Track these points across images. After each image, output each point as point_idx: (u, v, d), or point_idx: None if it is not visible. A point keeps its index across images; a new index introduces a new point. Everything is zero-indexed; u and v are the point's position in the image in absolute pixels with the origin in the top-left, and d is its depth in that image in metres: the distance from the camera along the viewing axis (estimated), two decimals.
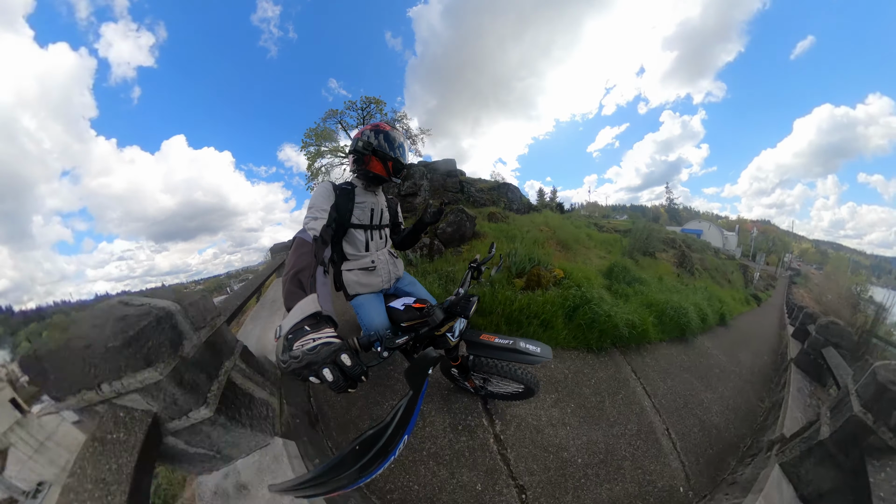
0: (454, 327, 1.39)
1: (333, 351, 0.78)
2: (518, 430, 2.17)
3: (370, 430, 0.89)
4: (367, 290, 1.74)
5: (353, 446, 0.84)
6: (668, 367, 3.49)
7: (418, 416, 1.12)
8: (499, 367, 1.74)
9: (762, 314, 9.66)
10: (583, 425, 2.32)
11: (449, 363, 1.85)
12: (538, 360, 1.46)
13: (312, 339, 0.80)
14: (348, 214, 1.60)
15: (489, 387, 2.04)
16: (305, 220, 1.40)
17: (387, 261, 1.80)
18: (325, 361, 0.77)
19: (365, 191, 1.67)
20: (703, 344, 4.53)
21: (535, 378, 1.79)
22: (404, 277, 1.97)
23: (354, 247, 1.69)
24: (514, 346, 1.48)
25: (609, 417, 2.46)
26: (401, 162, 1.60)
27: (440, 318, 1.31)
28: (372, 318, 1.64)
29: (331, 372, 0.77)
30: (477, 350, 1.57)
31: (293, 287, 0.99)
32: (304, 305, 0.90)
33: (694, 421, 2.69)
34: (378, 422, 0.93)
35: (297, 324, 0.85)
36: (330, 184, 1.57)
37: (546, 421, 2.29)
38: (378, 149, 1.55)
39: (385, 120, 16.77)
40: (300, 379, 0.77)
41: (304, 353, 0.77)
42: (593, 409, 2.51)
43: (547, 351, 1.48)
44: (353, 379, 0.80)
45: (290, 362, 0.76)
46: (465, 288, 1.52)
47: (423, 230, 1.95)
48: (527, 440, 2.12)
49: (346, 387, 0.79)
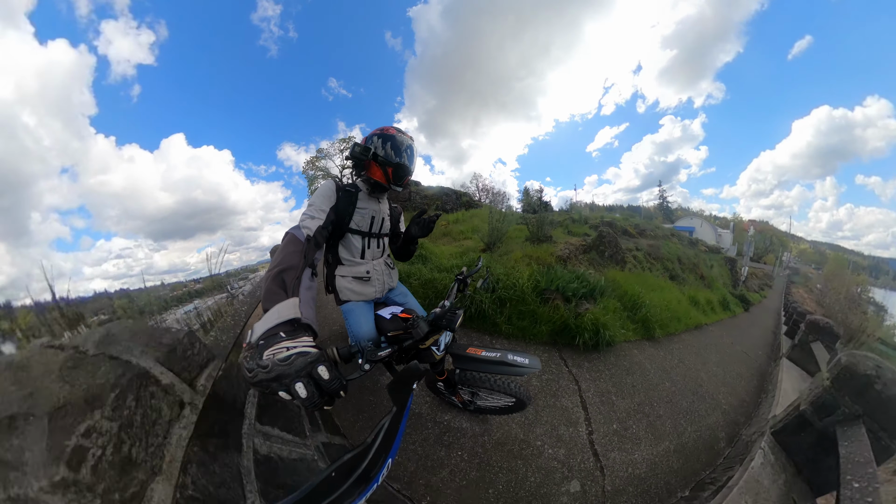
0: (439, 340, 1.36)
1: (309, 363, 0.70)
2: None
3: (348, 453, 0.83)
4: (358, 297, 1.70)
5: (329, 472, 0.77)
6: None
7: (403, 435, 1.07)
8: (487, 381, 1.70)
9: (745, 324, 7.33)
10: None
11: (434, 377, 1.80)
12: (527, 372, 1.42)
13: (286, 348, 0.72)
14: (347, 218, 1.53)
15: (478, 401, 1.99)
16: (302, 218, 1.35)
17: (382, 271, 1.76)
18: (299, 374, 0.68)
19: (368, 196, 1.61)
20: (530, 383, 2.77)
21: (527, 390, 1.75)
22: (397, 287, 1.94)
23: (350, 252, 1.64)
24: (502, 359, 1.44)
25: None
26: (404, 167, 1.53)
27: (424, 331, 1.27)
28: (360, 326, 1.61)
29: (304, 387, 0.68)
30: (463, 364, 1.53)
31: (274, 286, 0.90)
32: (283, 309, 0.81)
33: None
34: (358, 444, 0.87)
35: (272, 329, 0.76)
36: (334, 183, 1.50)
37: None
38: (379, 154, 1.48)
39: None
40: (267, 392, 0.69)
41: (276, 363, 0.68)
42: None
43: (536, 362, 1.45)
44: (329, 395, 0.72)
45: (258, 372, 0.67)
46: (450, 300, 1.49)
47: (413, 242, 1.90)
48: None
49: (322, 403, 0.71)
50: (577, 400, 2.64)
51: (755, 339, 6.17)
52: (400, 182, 1.55)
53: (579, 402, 2.62)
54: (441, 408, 2.30)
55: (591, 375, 3.01)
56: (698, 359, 4.12)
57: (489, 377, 1.70)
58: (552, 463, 2.06)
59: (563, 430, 2.30)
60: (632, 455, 2.23)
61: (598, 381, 2.96)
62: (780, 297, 13.56)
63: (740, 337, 5.94)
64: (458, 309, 1.37)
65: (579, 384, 2.84)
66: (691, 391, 3.23)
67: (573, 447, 2.19)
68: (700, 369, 3.80)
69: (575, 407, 2.56)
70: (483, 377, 1.70)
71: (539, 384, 2.76)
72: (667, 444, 2.42)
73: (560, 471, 2.02)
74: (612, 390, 2.87)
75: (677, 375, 3.46)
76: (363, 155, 1.48)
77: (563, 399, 2.62)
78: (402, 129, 1.55)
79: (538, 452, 2.10)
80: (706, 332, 5.62)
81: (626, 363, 3.34)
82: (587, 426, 2.39)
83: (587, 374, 3.02)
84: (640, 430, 2.48)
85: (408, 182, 1.60)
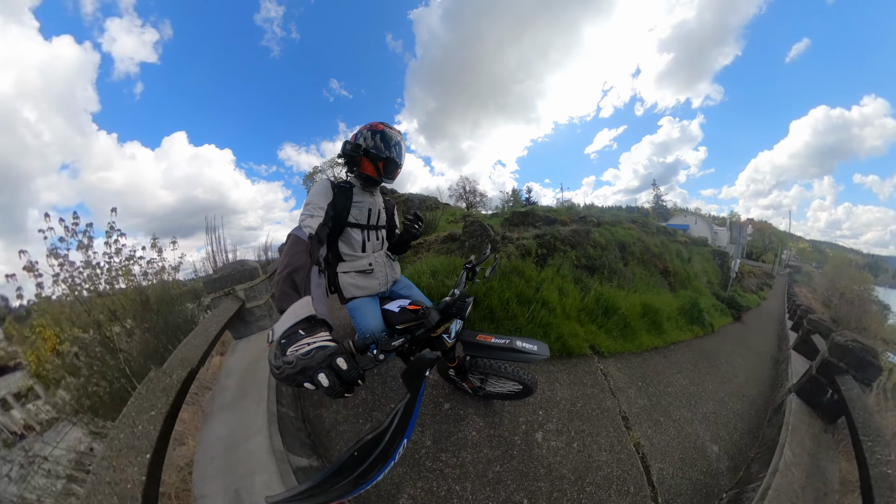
0: (450, 328, 1.39)
1: (329, 355, 0.76)
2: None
3: (368, 435, 0.88)
4: (362, 292, 1.72)
5: (352, 452, 0.84)
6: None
7: (416, 418, 1.12)
8: (496, 367, 1.74)
9: (728, 344, 4.89)
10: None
11: (446, 365, 1.85)
12: (535, 359, 1.46)
13: (307, 344, 0.79)
14: (345, 213, 1.58)
15: (487, 387, 2.04)
16: (301, 217, 1.38)
17: (384, 263, 1.79)
18: (321, 366, 0.75)
19: (363, 191, 1.65)
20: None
21: (533, 377, 1.79)
22: (400, 280, 1.97)
23: (351, 247, 1.67)
24: (511, 346, 1.48)
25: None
26: (394, 161, 1.59)
27: (436, 320, 1.31)
28: (368, 321, 1.63)
29: (326, 377, 0.75)
30: (474, 350, 1.57)
31: (286, 288, 0.96)
32: (298, 308, 0.87)
33: None
34: (376, 426, 0.92)
35: (291, 328, 0.83)
36: (328, 181, 1.55)
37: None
38: (370, 149, 1.54)
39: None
40: (294, 385, 0.76)
41: (299, 358, 0.75)
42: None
43: (544, 349, 1.48)
44: (349, 383, 0.78)
45: (285, 368, 0.74)
46: (460, 289, 1.52)
47: (409, 242, 1.96)
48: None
49: (343, 391, 0.78)
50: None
51: (735, 390, 3.41)
52: (391, 175, 1.61)
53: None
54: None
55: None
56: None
57: (498, 364, 1.74)
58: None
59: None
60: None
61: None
62: (782, 298, 12.05)
63: (703, 383, 3.37)
64: (468, 297, 1.40)
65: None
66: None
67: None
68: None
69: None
70: (492, 364, 1.74)
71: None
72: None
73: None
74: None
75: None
76: (355, 151, 1.53)
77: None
78: (390, 125, 1.59)
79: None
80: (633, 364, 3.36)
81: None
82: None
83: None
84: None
85: (397, 175, 1.65)
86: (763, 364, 4.44)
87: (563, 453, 2.11)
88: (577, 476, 1.98)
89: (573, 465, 2.04)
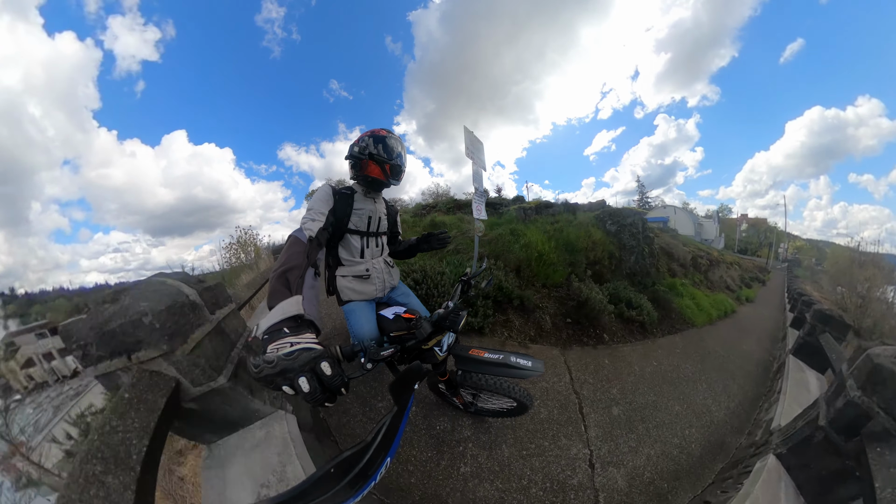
0: (442, 341, 1.36)
1: (313, 358, 0.71)
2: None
3: (348, 450, 0.82)
4: (359, 297, 1.72)
5: (328, 468, 0.77)
6: None
7: (402, 435, 1.07)
8: (489, 383, 1.69)
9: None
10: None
11: (436, 378, 1.80)
12: (529, 375, 1.42)
13: (290, 344, 0.74)
14: (346, 219, 1.60)
15: (479, 403, 1.98)
16: (303, 220, 1.41)
17: (382, 269, 1.78)
18: (303, 369, 0.70)
19: (364, 197, 1.66)
20: None
21: (528, 393, 1.75)
22: (399, 287, 1.94)
23: (350, 252, 1.68)
24: (505, 361, 1.44)
25: None
26: (398, 165, 1.61)
27: (428, 332, 1.27)
28: (361, 326, 1.63)
29: (308, 381, 0.69)
30: (466, 365, 1.53)
31: (279, 285, 0.94)
32: (287, 306, 0.85)
33: None
34: (357, 442, 0.86)
35: (276, 324, 0.79)
36: (330, 187, 1.57)
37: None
38: (375, 153, 1.55)
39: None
40: (271, 387, 0.70)
41: (280, 358, 0.70)
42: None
43: (539, 365, 1.44)
44: (331, 391, 0.72)
45: (263, 367, 0.69)
46: (454, 301, 1.48)
47: (425, 251, 1.97)
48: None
49: (324, 399, 0.72)
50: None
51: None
52: (398, 177, 1.64)
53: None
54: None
55: None
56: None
57: (491, 379, 1.69)
58: None
59: None
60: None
61: None
62: (781, 294, 10.81)
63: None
64: (461, 310, 1.37)
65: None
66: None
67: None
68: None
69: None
70: (485, 379, 1.69)
71: None
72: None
73: None
74: None
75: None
76: (362, 154, 1.54)
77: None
78: (391, 131, 1.62)
79: None
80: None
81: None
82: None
83: None
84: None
85: (402, 178, 1.68)
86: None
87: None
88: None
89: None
